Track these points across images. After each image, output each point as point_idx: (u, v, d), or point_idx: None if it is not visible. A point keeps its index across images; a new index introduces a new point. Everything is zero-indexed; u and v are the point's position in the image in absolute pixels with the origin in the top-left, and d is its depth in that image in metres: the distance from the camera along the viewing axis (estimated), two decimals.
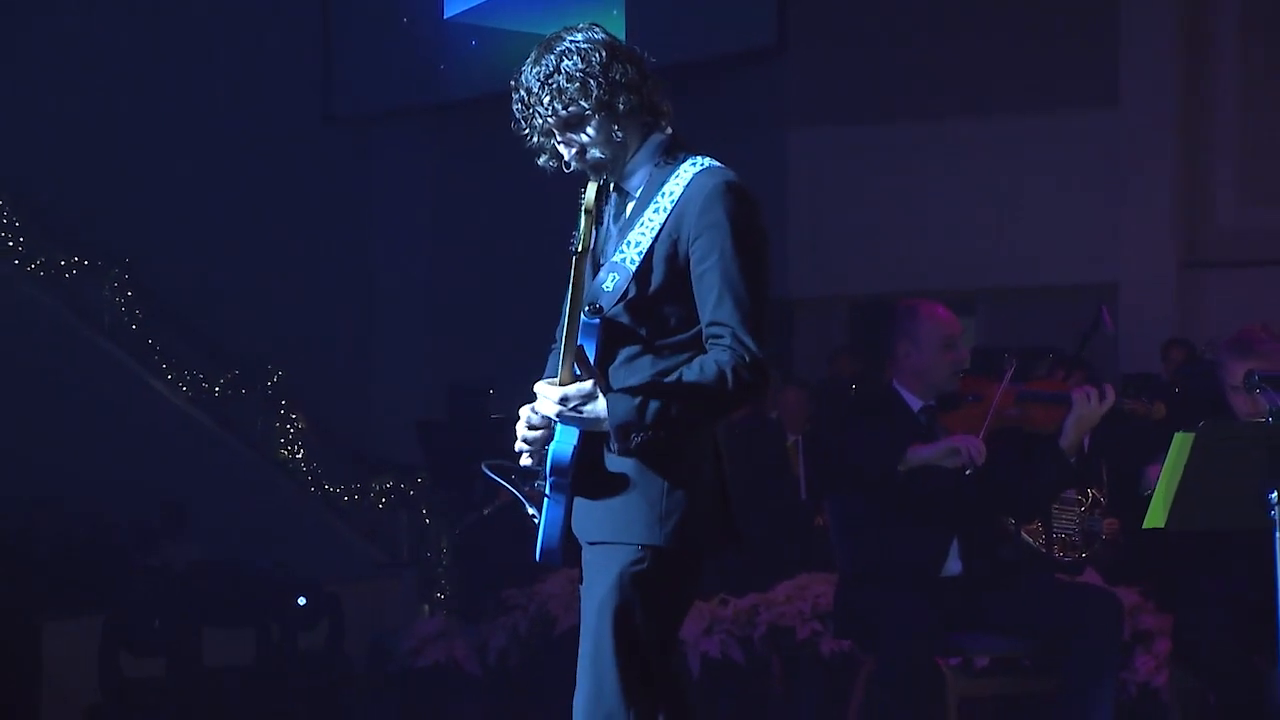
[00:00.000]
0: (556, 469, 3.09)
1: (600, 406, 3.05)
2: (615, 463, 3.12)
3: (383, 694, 7.91)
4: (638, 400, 3.05)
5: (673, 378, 3.08)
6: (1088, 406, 4.76)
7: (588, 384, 3.06)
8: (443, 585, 10.86)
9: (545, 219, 4.75)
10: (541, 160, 3.26)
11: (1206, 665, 4.68)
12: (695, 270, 3.10)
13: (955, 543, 4.85)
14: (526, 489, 3.18)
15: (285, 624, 7.76)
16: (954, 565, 4.86)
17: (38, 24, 12.56)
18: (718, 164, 3.19)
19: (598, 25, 3.24)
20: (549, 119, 3.17)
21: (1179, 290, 12.01)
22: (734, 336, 3.06)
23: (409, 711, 7.67)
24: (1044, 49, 12.04)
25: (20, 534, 8.47)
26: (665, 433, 3.07)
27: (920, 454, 4.74)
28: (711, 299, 3.08)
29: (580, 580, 3.20)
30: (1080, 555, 5.25)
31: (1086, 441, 4.96)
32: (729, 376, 3.05)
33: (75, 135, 12.54)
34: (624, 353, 3.14)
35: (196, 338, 12.60)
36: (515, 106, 3.22)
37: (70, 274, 12.30)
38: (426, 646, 7.74)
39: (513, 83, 3.22)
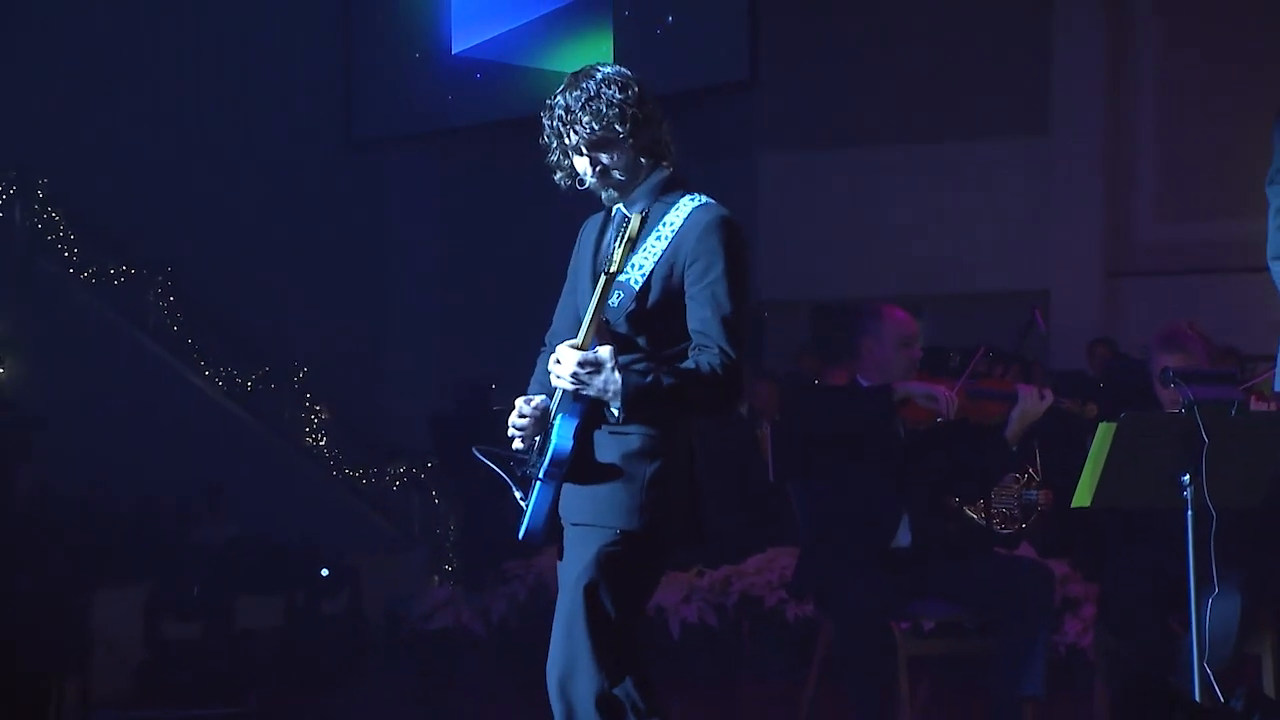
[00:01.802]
0: (556, 460, 3.09)
1: (615, 377, 3.06)
2: (604, 454, 3.12)
3: (397, 654, 7.91)
4: (649, 378, 3.07)
5: (673, 368, 3.10)
6: (1031, 403, 4.79)
7: (605, 351, 3.07)
8: (450, 558, 10.86)
9: (539, 231, 4.77)
10: (557, 177, 3.25)
11: (1127, 629, 4.68)
12: (690, 290, 3.13)
13: (906, 518, 4.87)
14: (519, 474, 3.18)
15: (310, 592, 7.77)
16: (904, 538, 4.87)
17: (91, 66, 12.56)
18: (712, 200, 3.21)
19: (623, 69, 3.23)
20: (584, 136, 3.15)
21: (1103, 297, 12.06)
22: (719, 346, 3.10)
23: (421, 670, 7.67)
24: (985, 84, 12.09)
25: (76, 512, 8.45)
26: (667, 411, 3.10)
27: (908, 386, 4.78)
28: (704, 314, 3.11)
29: (560, 556, 3.20)
30: (1020, 526, 5.24)
31: None
32: (720, 373, 3.09)
33: (123, 159, 12.51)
34: (624, 359, 3.14)
35: (231, 338, 12.57)
36: (547, 124, 3.19)
37: (119, 281, 12.27)
38: (436, 612, 7.74)
39: (548, 102, 3.19)
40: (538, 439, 3.20)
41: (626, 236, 3.05)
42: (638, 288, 3.14)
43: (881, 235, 12.28)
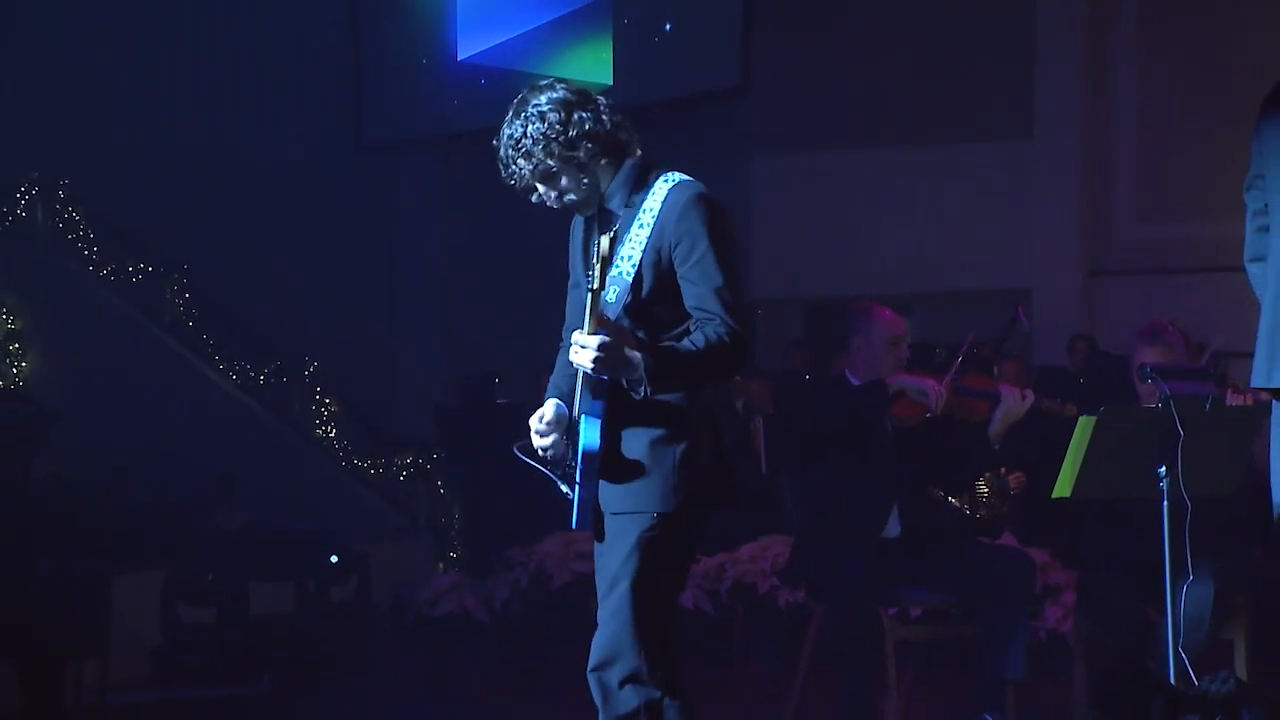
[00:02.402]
0: (587, 459, 3.13)
1: (634, 354, 3.06)
2: (631, 449, 3.15)
3: (404, 639, 7.90)
4: (665, 353, 3.10)
5: (684, 342, 3.12)
6: (1014, 403, 4.80)
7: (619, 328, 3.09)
8: (455, 546, 10.84)
9: (540, 230, 4.75)
10: (533, 198, 3.30)
11: (1105, 615, 4.68)
12: (680, 270, 3.14)
13: (895, 509, 4.87)
14: (559, 471, 3.20)
15: (320, 579, 7.74)
16: (893, 528, 4.87)
17: (109, 72, 12.55)
18: (687, 177, 3.21)
19: (560, 82, 3.24)
20: (523, 179, 3.21)
21: (1083, 295, 12.06)
22: (720, 317, 3.11)
23: (426, 654, 7.66)
24: (970, 89, 12.09)
25: (95, 501, 8.43)
26: (686, 381, 3.11)
27: (901, 380, 4.79)
28: (698, 291, 3.12)
29: (598, 539, 3.23)
30: (1000, 511, 5.23)
31: None
32: (727, 340, 3.10)
33: (141, 161, 12.52)
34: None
35: (244, 333, 12.56)
36: (499, 162, 3.24)
37: (137, 278, 12.26)
38: (441, 598, 7.73)
39: (495, 142, 3.24)
40: (568, 441, 3.22)
41: (600, 256, 3.06)
42: (630, 279, 3.15)
43: (871, 235, 12.28)
